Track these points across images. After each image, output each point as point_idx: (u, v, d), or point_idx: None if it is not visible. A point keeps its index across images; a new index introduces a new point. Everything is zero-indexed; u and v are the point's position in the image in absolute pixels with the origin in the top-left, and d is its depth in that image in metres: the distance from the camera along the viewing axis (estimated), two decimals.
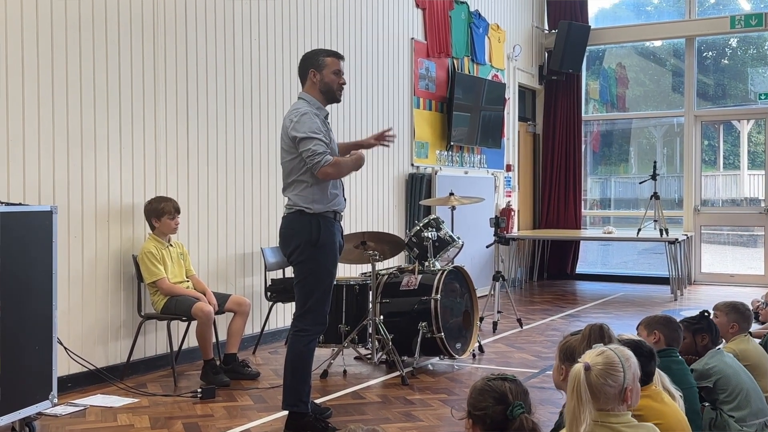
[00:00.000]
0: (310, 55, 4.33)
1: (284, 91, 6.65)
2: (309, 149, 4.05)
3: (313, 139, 4.05)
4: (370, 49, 7.86)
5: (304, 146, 4.06)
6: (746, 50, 11.82)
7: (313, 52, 4.35)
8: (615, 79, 12.14)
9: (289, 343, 4.21)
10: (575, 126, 11.58)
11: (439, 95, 9.02)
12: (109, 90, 5.25)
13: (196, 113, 5.90)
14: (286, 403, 4.16)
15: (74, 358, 4.75)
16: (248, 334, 6.12)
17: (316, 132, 4.07)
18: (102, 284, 5.22)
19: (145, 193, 5.47)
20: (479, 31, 9.80)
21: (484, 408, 2.16)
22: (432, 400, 4.84)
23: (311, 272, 4.15)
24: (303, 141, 4.06)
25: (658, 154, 12.08)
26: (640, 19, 12.11)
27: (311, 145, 4.04)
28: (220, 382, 5.09)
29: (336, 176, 4.17)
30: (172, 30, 5.70)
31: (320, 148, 4.04)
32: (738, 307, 4.10)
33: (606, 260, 13.00)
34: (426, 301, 5.54)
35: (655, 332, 3.48)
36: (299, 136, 4.07)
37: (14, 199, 4.51)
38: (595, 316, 7.97)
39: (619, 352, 2.33)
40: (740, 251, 12.13)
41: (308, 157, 4.06)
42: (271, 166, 6.44)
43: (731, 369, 3.63)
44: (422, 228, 5.97)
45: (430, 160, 8.85)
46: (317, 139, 4.06)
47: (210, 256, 6.04)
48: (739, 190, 11.90)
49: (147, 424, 4.32)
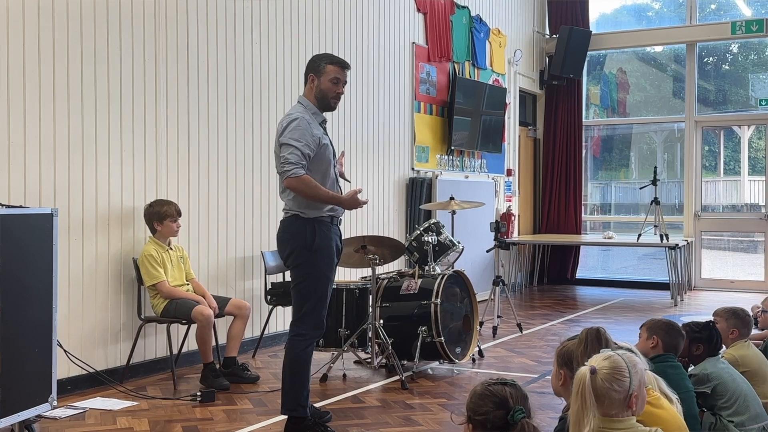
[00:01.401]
0: (314, 58, 4.31)
1: (285, 95, 6.66)
2: (284, 156, 4.06)
3: (290, 146, 4.04)
4: (371, 52, 7.87)
5: (282, 152, 4.07)
6: (747, 56, 11.83)
7: (318, 57, 4.32)
8: (616, 84, 12.15)
9: (287, 348, 4.20)
10: (576, 131, 11.59)
11: (440, 99, 9.03)
12: (110, 93, 5.25)
13: (196, 117, 5.91)
14: (285, 407, 4.16)
15: (74, 360, 4.74)
16: (248, 338, 6.12)
17: (299, 140, 4.05)
18: (102, 287, 5.22)
19: (145, 196, 5.48)
20: (480, 35, 9.82)
21: (484, 413, 2.16)
22: (431, 404, 4.84)
23: (307, 276, 4.14)
24: (283, 146, 4.08)
25: (658, 159, 12.09)
26: (641, 25, 12.12)
27: (286, 152, 4.05)
28: (219, 386, 5.09)
29: (301, 194, 4.06)
30: (173, 33, 5.71)
31: (293, 158, 4.02)
32: (738, 312, 4.10)
33: (606, 265, 13.00)
34: (426, 305, 5.54)
35: (654, 337, 3.49)
36: (283, 141, 4.09)
37: (15, 202, 4.51)
38: (595, 322, 7.96)
39: (626, 358, 2.32)
40: (740, 257, 12.12)
41: (280, 164, 4.08)
42: (271, 170, 6.44)
43: (728, 375, 3.64)
44: (422, 232, 5.98)
45: (431, 165, 8.86)
46: (295, 147, 4.03)
47: (210, 259, 6.05)
48: (740, 195, 11.89)
49: (146, 427, 4.32)
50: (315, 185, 4.07)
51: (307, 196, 4.09)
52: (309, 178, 4.06)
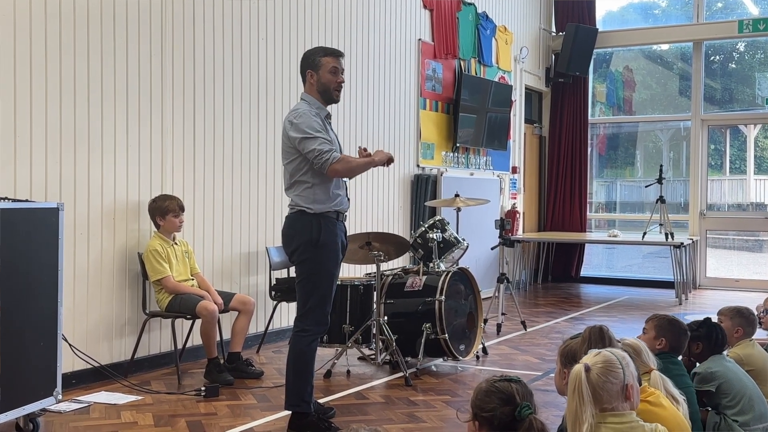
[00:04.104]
0: (307, 54, 4.27)
1: (290, 91, 6.66)
2: (314, 149, 4.01)
3: (316, 138, 4.02)
4: (377, 49, 7.86)
5: (308, 146, 4.02)
6: (754, 55, 11.79)
7: (311, 52, 4.28)
8: (622, 82, 12.13)
9: (291, 344, 4.20)
10: (581, 129, 11.57)
11: (446, 96, 9.02)
12: (116, 88, 5.26)
13: (202, 112, 5.92)
14: (289, 403, 4.16)
15: (79, 355, 4.75)
16: (252, 333, 6.13)
17: (317, 130, 4.05)
18: (107, 282, 5.23)
19: (151, 191, 5.48)
20: (486, 32, 9.80)
21: (491, 410, 2.16)
22: (435, 401, 4.84)
23: (312, 272, 4.13)
24: (305, 141, 4.03)
25: (664, 157, 12.06)
26: (647, 23, 12.10)
27: (315, 145, 4.01)
28: (223, 381, 5.10)
29: (346, 174, 4.14)
30: (179, 28, 5.71)
31: (325, 147, 4.01)
32: (742, 311, 4.10)
33: (611, 263, 12.99)
34: (430, 302, 5.54)
35: (663, 339, 3.49)
36: (299, 137, 4.04)
37: (21, 196, 4.52)
38: (599, 320, 7.96)
39: (615, 353, 2.36)
40: (746, 256, 12.11)
41: (315, 158, 4.01)
42: (276, 166, 6.44)
43: (733, 374, 3.62)
44: (427, 229, 5.97)
45: (436, 162, 8.85)
46: (320, 137, 4.03)
47: (215, 254, 6.05)
48: (745, 194, 11.88)
49: (150, 421, 4.33)
50: (352, 159, 4.20)
51: (352, 172, 4.23)
52: (345, 156, 4.13)
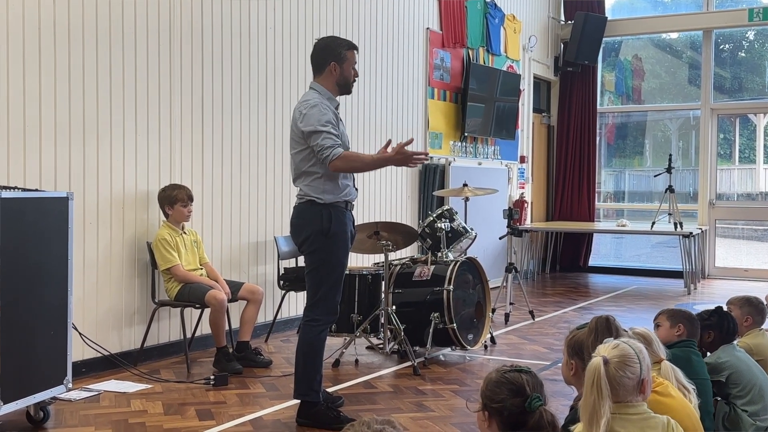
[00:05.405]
0: (331, 45, 4.24)
1: (299, 81, 6.65)
2: (318, 144, 4.03)
3: (321, 132, 4.02)
4: (385, 38, 7.84)
5: (314, 140, 4.04)
6: (764, 43, 11.72)
7: (334, 43, 4.26)
8: (631, 71, 12.07)
9: (300, 333, 4.22)
10: (590, 118, 11.53)
11: (454, 86, 9.00)
12: (125, 77, 5.26)
13: (211, 101, 5.91)
14: (298, 392, 4.17)
15: (89, 343, 4.78)
16: (261, 323, 6.14)
17: (325, 124, 4.04)
18: (117, 271, 5.25)
19: (160, 180, 5.49)
20: (495, 21, 9.76)
21: (501, 400, 2.15)
22: (443, 390, 4.85)
23: (322, 262, 4.14)
24: (312, 135, 4.04)
25: (673, 147, 12.02)
26: (657, 11, 12.03)
27: (319, 140, 4.02)
28: (232, 370, 5.12)
29: (347, 171, 4.14)
30: (188, 18, 5.70)
31: (327, 142, 4.02)
32: (752, 300, 4.09)
33: (619, 253, 12.97)
34: (438, 291, 5.54)
35: (680, 325, 3.49)
36: (308, 130, 4.04)
37: (30, 185, 4.54)
38: (607, 309, 7.95)
39: (632, 344, 2.34)
40: (755, 245, 12.07)
41: (318, 152, 4.05)
42: (285, 155, 6.43)
43: (744, 364, 3.62)
44: (435, 219, 5.97)
45: (444, 151, 8.84)
46: (325, 132, 4.03)
47: (224, 244, 6.06)
48: (755, 184, 11.83)
49: (160, 410, 4.35)
50: (357, 154, 4.23)
51: (356, 169, 4.24)
52: (349, 152, 4.12)
